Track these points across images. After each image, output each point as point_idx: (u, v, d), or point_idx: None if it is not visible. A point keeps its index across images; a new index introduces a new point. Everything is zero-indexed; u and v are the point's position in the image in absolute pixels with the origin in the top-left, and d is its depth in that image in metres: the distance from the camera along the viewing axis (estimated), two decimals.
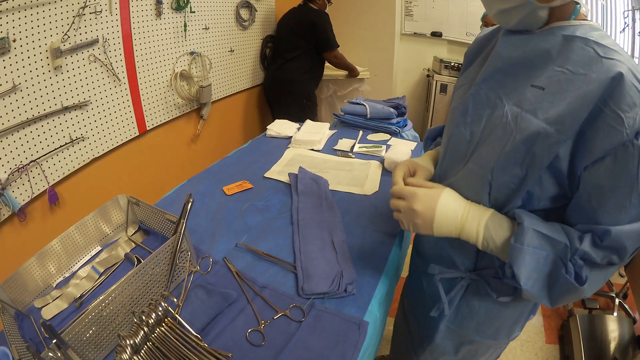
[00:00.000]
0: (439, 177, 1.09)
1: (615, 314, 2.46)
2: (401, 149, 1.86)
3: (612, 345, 2.08)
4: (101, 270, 1.15)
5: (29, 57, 1.70)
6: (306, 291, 1.05)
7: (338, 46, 3.48)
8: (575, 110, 0.77)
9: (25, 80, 1.71)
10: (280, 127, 2.27)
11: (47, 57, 1.78)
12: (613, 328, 2.18)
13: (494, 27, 1.03)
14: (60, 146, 1.91)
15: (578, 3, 0.83)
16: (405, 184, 1.03)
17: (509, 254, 0.84)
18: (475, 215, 0.91)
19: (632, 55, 3.55)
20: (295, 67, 3.44)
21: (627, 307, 2.53)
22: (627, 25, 3.55)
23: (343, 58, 3.56)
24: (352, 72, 3.75)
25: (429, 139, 1.36)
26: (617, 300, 2.54)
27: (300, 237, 1.25)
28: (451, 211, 0.92)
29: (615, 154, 0.74)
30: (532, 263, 0.83)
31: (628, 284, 2.39)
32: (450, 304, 1.11)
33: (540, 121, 0.81)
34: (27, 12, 1.66)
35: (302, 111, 3.45)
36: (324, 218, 1.35)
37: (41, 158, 1.82)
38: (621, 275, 2.79)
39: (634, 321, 2.32)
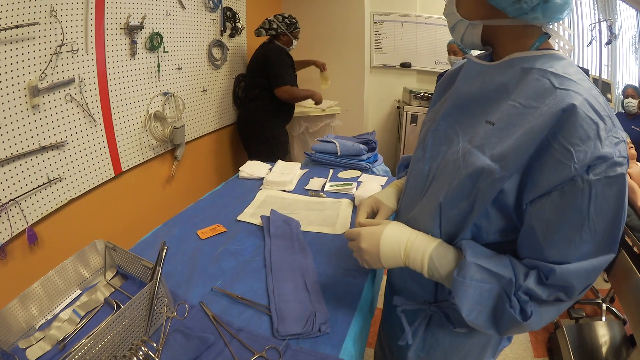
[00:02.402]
0: (401, 212, 1.13)
1: (604, 318, 2.49)
2: (371, 185, 1.89)
3: (604, 349, 2.11)
4: (82, 313, 1.17)
5: (7, 94, 1.70)
6: (281, 332, 1.08)
7: (292, 84, 3.31)
8: (522, 146, 0.76)
9: (4, 118, 1.70)
10: (252, 168, 2.30)
11: (26, 95, 1.78)
12: (603, 333, 2.21)
13: (465, 60, 0.99)
14: (39, 186, 1.90)
15: (546, 33, 0.83)
16: (360, 224, 1.07)
17: (452, 286, 0.84)
18: (420, 246, 0.92)
19: (600, 65, 3.58)
20: (258, 106, 3.38)
21: (615, 310, 2.55)
22: (594, 38, 3.64)
23: (295, 91, 3.35)
24: (314, 97, 3.49)
25: (402, 166, 1.39)
26: (604, 306, 2.56)
27: (274, 279, 1.29)
28: (395, 244, 0.95)
29: (562, 188, 0.72)
30: (476, 296, 0.81)
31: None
32: (415, 335, 1.12)
33: (486, 157, 0.81)
34: (6, 47, 1.66)
35: (271, 150, 3.36)
36: (297, 260, 1.39)
37: (20, 197, 1.81)
38: (606, 281, 2.82)
39: (624, 322, 2.33)
